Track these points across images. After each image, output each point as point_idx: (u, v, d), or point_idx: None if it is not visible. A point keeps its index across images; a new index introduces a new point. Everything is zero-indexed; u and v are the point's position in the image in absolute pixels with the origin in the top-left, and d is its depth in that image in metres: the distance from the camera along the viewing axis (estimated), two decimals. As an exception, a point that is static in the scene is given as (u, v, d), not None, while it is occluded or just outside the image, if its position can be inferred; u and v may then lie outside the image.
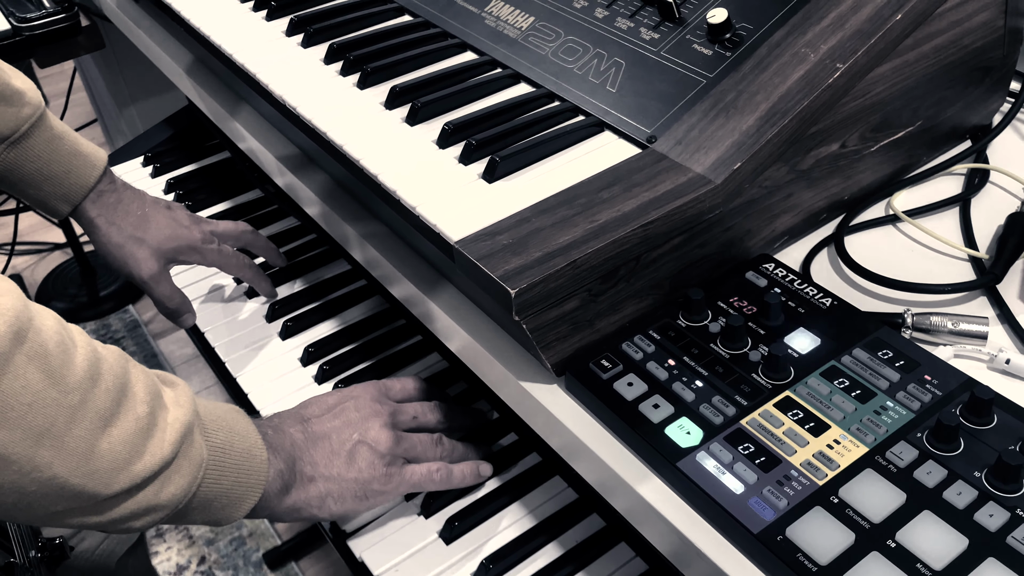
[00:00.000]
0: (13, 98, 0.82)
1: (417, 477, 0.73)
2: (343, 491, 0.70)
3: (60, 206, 0.88)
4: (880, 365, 0.58)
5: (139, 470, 0.56)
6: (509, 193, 0.65)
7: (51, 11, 1.41)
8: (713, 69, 0.68)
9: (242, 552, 1.66)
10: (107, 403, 0.55)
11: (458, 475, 0.76)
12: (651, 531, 0.57)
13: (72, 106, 2.18)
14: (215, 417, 0.64)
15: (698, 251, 0.65)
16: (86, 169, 0.88)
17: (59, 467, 0.53)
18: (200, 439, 0.61)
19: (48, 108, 0.88)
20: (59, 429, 0.53)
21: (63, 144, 0.87)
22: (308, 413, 0.73)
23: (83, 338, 0.57)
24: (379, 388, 0.78)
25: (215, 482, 0.62)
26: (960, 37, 0.72)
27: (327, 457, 0.70)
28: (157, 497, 0.58)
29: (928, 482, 0.51)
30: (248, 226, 0.99)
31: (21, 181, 0.86)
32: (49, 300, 2.17)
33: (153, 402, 0.58)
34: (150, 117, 1.84)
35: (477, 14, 0.85)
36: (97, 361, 0.56)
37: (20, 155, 0.84)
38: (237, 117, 0.96)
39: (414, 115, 0.73)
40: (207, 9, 0.94)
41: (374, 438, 0.72)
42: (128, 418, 0.56)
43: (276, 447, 0.68)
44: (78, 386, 0.54)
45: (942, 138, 0.80)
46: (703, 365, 0.60)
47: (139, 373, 0.59)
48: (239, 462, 0.63)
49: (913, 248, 0.73)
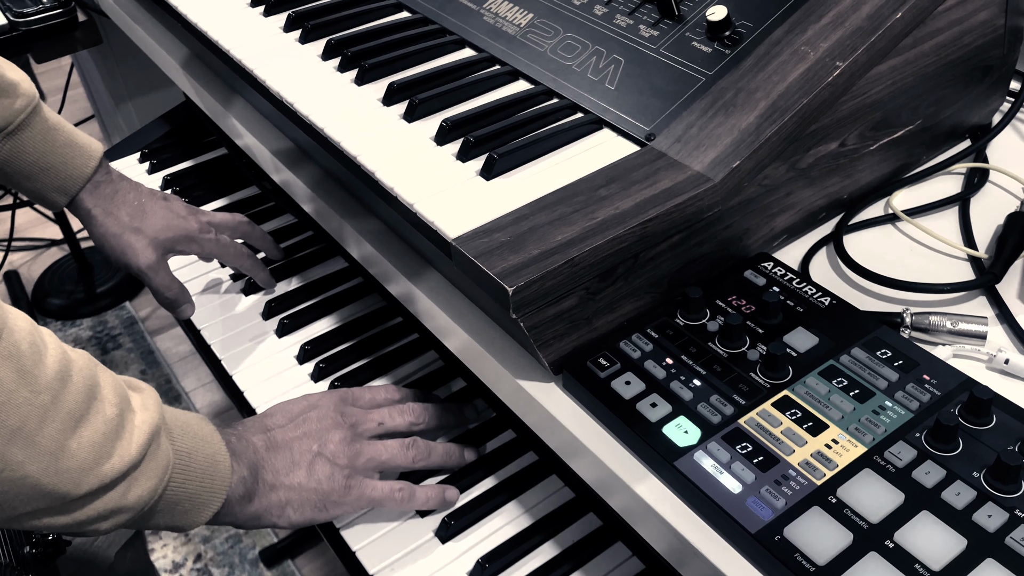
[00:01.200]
0: (7, 90, 0.82)
1: (377, 494, 0.73)
2: (303, 500, 0.71)
3: (57, 197, 0.88)
4: (879, 365, 0.58)
5: (107, 471, 0.57)
6: (507, 190, 0.64)
7: (48, 6, 1.40)
8: (712, 67, 0.68)
9: (238, 549, 1.66)
10: (77, 404, 0.56)
11: (421, 497, 0.75)
12: (648, 530, 0.57)
13: (69, 102, 2.17)
14: (181, 423, 0.65)
15: (696, 249, 0.64)
16: (82, 160, 0.88)
17: (30, 466, 0.53)
18: (167, 443, 0.62)
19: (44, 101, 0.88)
20: (31, 428, 0.53)
21: (58, 135, 0.86)
22: (271, 422, 0.74)
23: (53, 340, 0.58)
24: (344, 397, 0.78)
25: (180, 486, 0.62)
26: (960, 36, 0.71)
27: (288, 466, 0.71)
28: (124, 499, 0.59)
29: (927, 482, 0.51)
30: (244, 218, 0.99)
31: (17, 173, 0.85)
32: (46, 296, 2.17)
33: (121, 404, 0.59)
34: (147, 113, 1.84)
35: (475, 11, 0.84)
36: (67, 362, 0.57)
37: (15, 147, 0.84)
38: (234, 113, 0.95)
39: (412, 112, 0.73)
40: (204, 5, 0.93)
41: (332, 451, 0.72)
42: (97, 419, 0.57)
43: (239, 454, 0.68)
44: (49, 386, 0.55)
45: (942, 137, 0.79)
46: (701, 364, 0.59)
47: (107, 376, 0.60)
48: (204, 467, 0.64)
49: (912, 247, 0.73)
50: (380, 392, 0.81)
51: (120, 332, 2.11)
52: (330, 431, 0.73)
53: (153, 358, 2.04)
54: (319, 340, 0.93)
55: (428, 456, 0.77)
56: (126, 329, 2.12)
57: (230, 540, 1.67)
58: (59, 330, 2.11)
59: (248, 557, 1.64)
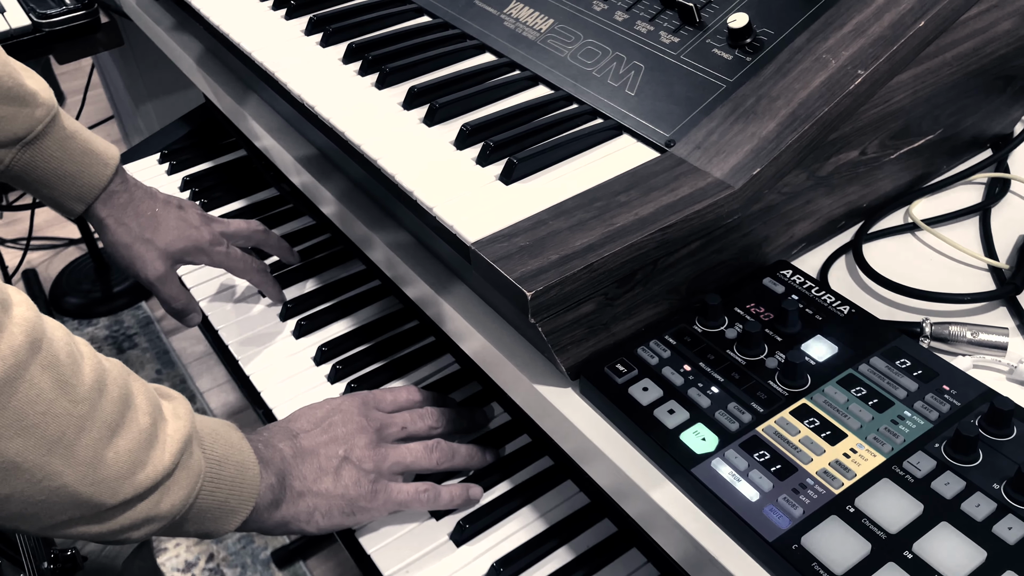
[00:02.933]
0: (27, 99, 0.82)
1: (404, 496, 0.74)
2: (331, 507, 0.71)
3: (74, 205, 0.88)
4: (898, 374, 0.58)
5: (142, 480, 0.57)
6: (526, 195, 0.64)
7: (71, 8, 1.42)
8: (733, 74, 0.68)
9: (250, 550, 1.66)
10: (113, 413, 0.56)
11: (446, 496, 0.75)
12: (664, 537, 0.56)
13: (89, 103, 2.19)
14: (211, 430, 0.65)
15: (715, 256, 0.64)
16: (98, 168, 0.88)
17: (68, 476, 0.54)
18: (198, 451, 0.62)
19: (63, 106, 0.88)
20: (69, 438, 0.53)
21: (76, 143, 0.87)
22: (296, 427, 0.74)
23: (88, 349, 0.58)
24: (366, 400, 0.78)
25: (211, 494, 0.63)
26: (983, 45, 0.71)
27: (315, 473, 0.71)
28: (157, 507, 0.59)
29: (946, 493, 0.51)
30: (260, 225, 0.99)
31: (36, 181, 0.86)
32: (63, 295, 2.18)
33: (154, 413, 0.60)
34: (167, 114, 1.85)
35: (496, 16, 0.85)
36: (103, 372, 0.57)
37: (35, 155, 0.84)
38: (254, 115, 0.96)
39: (432, 116, 0.73)
40: (227, 7, 0.94)
41: (359, 456, 0.73)
42: (132, 428, 0.57)
43: (267, 461, 0.68)
44: (87, 396, 0.55)
45: (963, 147, 0.79)
46: (719, 371, 0.59)
47: (140, 385, 0.60)
48: (234, 474, 0.64)
49: (932, 257, 0.72)
50: (402, 393, 0.81)
51: (136, 332, 2.13)
52: (356, 436, 0.73)
53: (168, 358, 2.05)
54: (336, 342, 0.94)
55: (452, 458, 0.77)
56: (142, 329, 2.13)
57: (242, 540, 1.68)
58: (76, 329, 2.13)
59: (260, 557, 1.65)
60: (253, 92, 0.99)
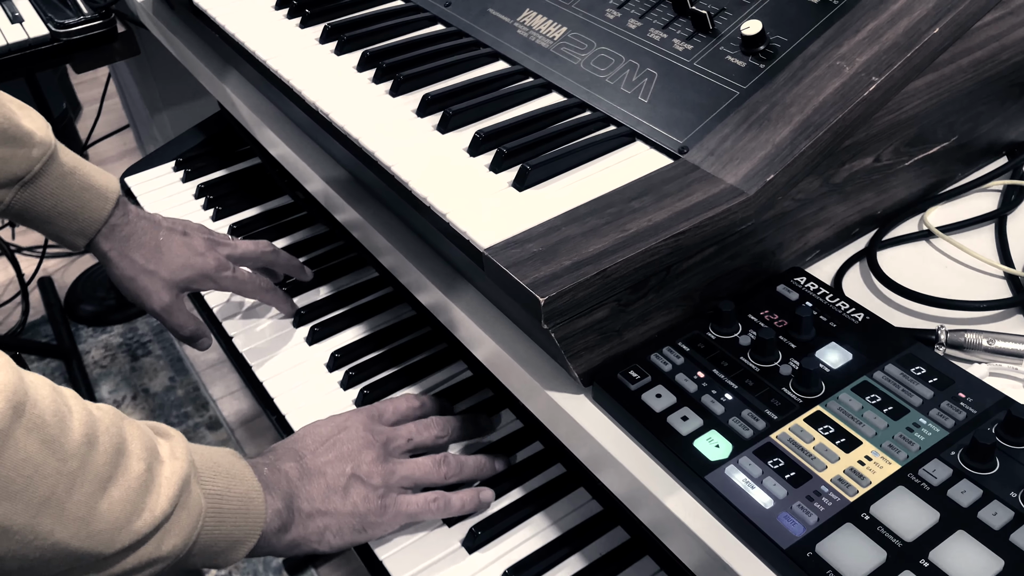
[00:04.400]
0: (23, 139, 0.82)
1: (414, 508, 0.73)
2: (341, 525, 0.71)
3: (76, 240, 0.89)
4: (913, 382, 0.57)
5: (139, 527, 0.57)
6: (539, 201, 0.65)
7: (89, 17, 1.43)
8: (747, 81, 0.68)
9: (262, 558, 1.66)
10: (105, 465, 0.56)
11: (456, 503, 0.75)
12: (678, 544, 0.56)
13: (106, 112, 2.21)
14: (211, 463, 0.64)
15: (729, 263, 0.64)
16: (98, 203, 0.88)
17: (60, 533, 0.53)
18: (197, 489, 0.62)
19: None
20: (60, 496, 0.53)
21: (75, 179, 0.87)
22: (302, 447, 0.74)
23: (76, 402, 0.57)
24: (371, 415, 0.78)
25: (214, 528, 0.62)
26: (998, 52, 0.71)
27: (323, 492, 0.71)
28: (158, 550, 0.59)
29: (963, 501, 0.50)
30: (269, 245, 0.99)
31: (37, 218, 0.86)
32: (78, 303, 2.20)
33: (149, 458, 0.59)
34: (182, 123, 1.86)
35: (509, 24, 0.85)
36: (93, 424, 0.56)
37: (34, 194, 0.84)
38: (269, 123, 0.96)
39: (446, 123, 0.74)
40: (241, 16, 0.95)
41: (366, 471, 0.73)
42: (126, 477, 0.57)
43: (272, 486, 0.68)
44: (76, 452, 0.54)
45: (978, 154, 0.79)
46: (733, 378, 0.59)
47: (133, 430, 0.60)
48: (237, 507, 0.64)
49: (947, 264, 0.72)
50: (401, 403, 0.81)
51: (150, 339, 2.14)
52: (362, 451, 0.73)
53: (182, 365, 2.06)
54: (349, 348, 0.94)
55: (460, 471, 0.77)
56: (156, 336, 2.14)
57: (255, 548, 1.68)
58: (91, 336, 2.14)
59: (272, 566, 1.65)
60: (267, 100, 0.99)
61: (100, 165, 0.97)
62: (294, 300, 1.02)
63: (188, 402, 1.97)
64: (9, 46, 1.40)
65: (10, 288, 2.27)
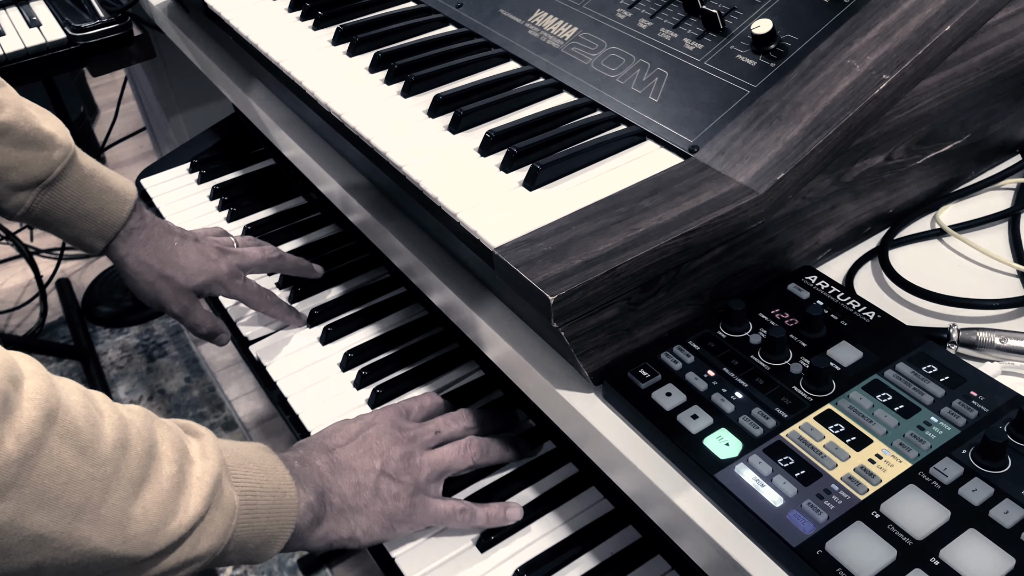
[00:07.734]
0: (44, 142, 0.84)
1: (441, 514, 0.74)
2: (371, 522, 0.71)
3: (94, 242, 0.90)
4: (924, 380, 0.57)
5: (175, 528, 0.57)
6: (549, 201, 0.65)
7: (105, 21, 1.44)
8: (757, 79, 0.68)
9: (277, 557, 1.67)
10: (138, 468, 0.56)
11: (482, 516, 0.75)
12: (688, 543, 0.56)
13: (122, 115, 2.23)
14: (242, 460, 0.65)
15: (739, 262, 0.64)
16: (117, 205, 0.90)
17: (98, 539, 0.53)
18: (229, 487, 0.62)
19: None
20: (95, 502, 0.53)
21: (94, 182, 0.88)
22: (332, 442, 0.74)
23: (108, 406, 0.57)
24: (398, 412, 0.78)
25: (248, 524, 0.63)
26: (1011, 49, 0.71)
27: (354, 488, 0.71)
28: (195, 550, 0.59)
29: (974, 500, 0.50)
30: (275, 251, 1.00)
31: (57, 221, 0.88)
32: (95, 304, 2.21)
33: (181, 459, 0.59)
34: (197, 125, 1.87)
35: (520, 24, 0.85)
36: (125, 427, 0.57)
37: (54, 196, 0.86)
38: (283, 125, 0.97)
39: (457, 123, 0.74)
40: (255, 18, 0.95)
41: (395, 468, 0.73)
42: (159, 479, 0.57)
43: (304, 480, 0.68)
44: (110, 457, 0.54)
45: (991, 152, 0.78)
46: (743, 376, 0.59)
47: (164, 431, 0.60)
48: (270, 502, 0.64)
49: (959, 263, 0.72)
50: (427, 400, 0.82)
51: (166, 340, 2.15)
52: (391, 448, 0.74)
53: (197, 366, 2.07)
54: (362, 348, 0.94)
55: (487, 453, 0.77)
56: (172, 337, 2.16)
57: (270, 547, 1.69)
58: (108, 337, 2.16)
59: (287, 565, 1.65)
60: (281, 102, 1.00)
61: (116, 168, 0.98)
62: (307, 300, 1.03)
63: (204, 403, 1.98)
64: (27, 50, 1.41)
65: (28, 290, 2.29)
